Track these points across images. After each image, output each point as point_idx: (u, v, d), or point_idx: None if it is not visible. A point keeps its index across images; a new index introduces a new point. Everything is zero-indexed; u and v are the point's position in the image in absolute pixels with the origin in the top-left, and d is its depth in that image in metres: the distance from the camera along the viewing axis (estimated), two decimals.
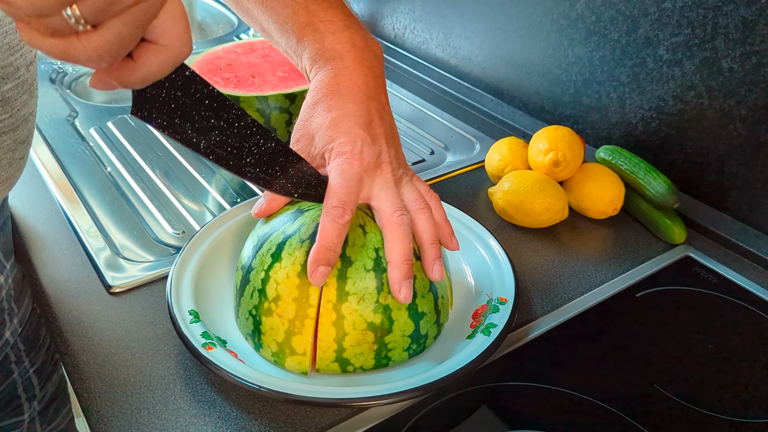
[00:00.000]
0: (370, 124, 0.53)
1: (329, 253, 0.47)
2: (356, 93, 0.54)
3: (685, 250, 0.71)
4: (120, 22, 0.32)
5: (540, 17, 0.91)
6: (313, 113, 0.54)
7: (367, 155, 0.52)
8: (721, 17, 0.70)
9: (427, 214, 0.53)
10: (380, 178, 0.52)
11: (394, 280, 0.49)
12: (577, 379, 0.55)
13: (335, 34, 0.56)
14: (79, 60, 0.33)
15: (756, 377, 0.56)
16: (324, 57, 0.55)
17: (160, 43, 0.36)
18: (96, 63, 0.34)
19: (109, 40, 0.33)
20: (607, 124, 0.87)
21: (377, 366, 0.52)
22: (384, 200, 0.51)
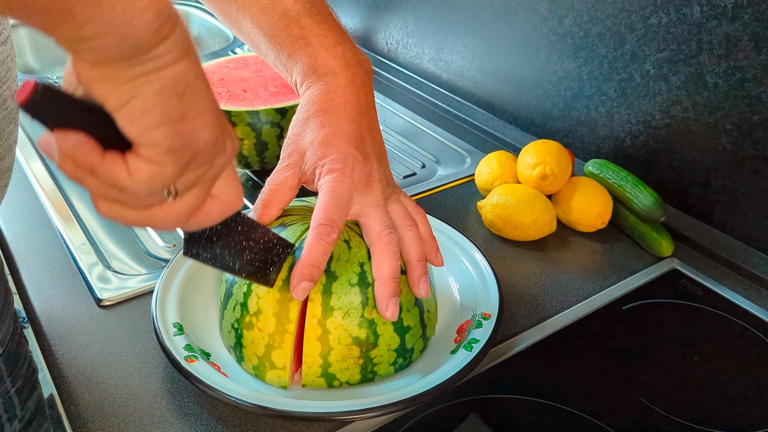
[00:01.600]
0: (361, 142, 0.53)
1: (313, 270, 0.47)
2: (348, 110, 0.54)
3: (671, 263, 0.72)
4: (198, 189, 0.36)
5: (530, 33, 0.92)
6: (305, 128, 0.54)
7: (358, 173, 0.52)
8: (705, 33, 0.71)
9: (414, 231, 0.53)
10: (370, 195, 0.52)
11: (382, 298, 0.49)
12: (563, 392, 0.55)
13: (328, 49, 0.56)
14: (158, 226, 0.37)
15: (742, 390, 0.57)
16: (317, 72, 0.56)
17: (221, 198, 0.39)
18: (173, 227, 0.37)
19: (189, 205, 0.36)
20: (595, 138, 0.88)
21: (363, 380, 0.52)
22: (373, 218, 0.51)
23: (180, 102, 0.31)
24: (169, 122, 0.31)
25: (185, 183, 0.35)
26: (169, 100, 0.31)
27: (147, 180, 0.33)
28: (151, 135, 0.31)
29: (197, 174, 0.35)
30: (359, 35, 1.29)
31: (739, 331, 0.63)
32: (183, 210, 0.36)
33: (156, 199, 0.34)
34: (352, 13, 1.29)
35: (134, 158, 0.32)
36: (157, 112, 0.31)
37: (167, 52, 0.30)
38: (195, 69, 0.32)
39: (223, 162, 0.36)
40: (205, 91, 0.33)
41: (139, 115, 0.31)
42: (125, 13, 0.28)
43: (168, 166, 0.33)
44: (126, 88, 0.30)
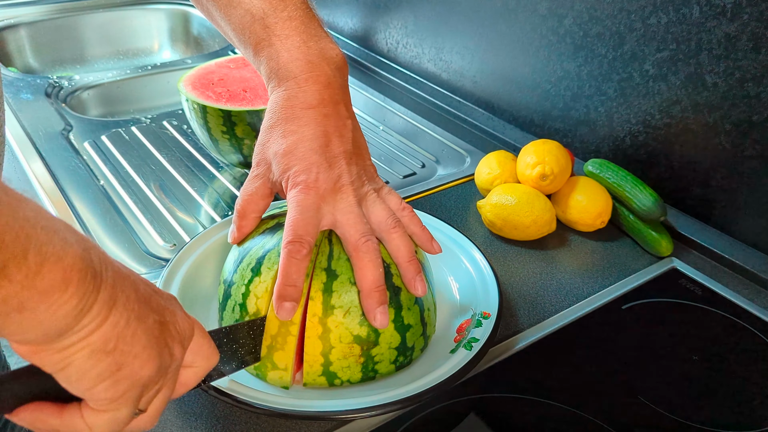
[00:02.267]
0: (327, 146, 0.52)
1: (291, 290, 0.47)
2: (311, 114, 0.52)
3: (671, 262, 0.72)
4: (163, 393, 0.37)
5: (529, 32, 0.92)
6: (270, 138, 0.53)
7: (324, 181, 0.50)
8: (705, 33, 0.71)
9: (398, 231, 0.52)
10: (342, 202, 0.51)
11: (368, 309, 0.48)
12: (563, 391, 0.56)
13: (290, 51, 0.54)
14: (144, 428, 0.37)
15: (740, 389, 0.57)
16: (278, 76, 0.54)
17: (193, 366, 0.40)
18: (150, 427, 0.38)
19: (158, 408, 0.37)
20: (595, 138, 0.88)
21: (364, 379, 0.52)
22: (347, 227, 0.50)
23: (112, 357, 0.32)
24: (106, 377, 0.32)
25: (147, 401, 0.36)
26: (101, 360, 0.31)
27: (106, 423, 0.34)
28: (93, 392, 0.32)
29: (154, 392, 0.36)
30: (359, 35, 1.29)
31: (738, 331, 0.63)
32: (158, 410, 0.37)
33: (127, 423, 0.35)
34: (352, 12, 1.29)
35: (88, 412, 0.33)
36: (92, 373, 0.31)
37: (92, 321, 0.31)
38: (125, 316, 0.32)
39: (177, 365, 0.37)
40: (139, 329, 0.33)
41: (76, 380, 0.32)
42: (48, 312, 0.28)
43: (121, 408, 0.34)
44: (58, 357, 0.31)
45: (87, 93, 1.14)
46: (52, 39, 1.42)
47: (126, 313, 0.32)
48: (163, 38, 1.53)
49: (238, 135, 0.81)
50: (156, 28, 1.52)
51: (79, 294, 0.29)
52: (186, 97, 0.82)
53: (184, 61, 1.26)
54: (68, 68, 1.44)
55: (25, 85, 1.10)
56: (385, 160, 0.97)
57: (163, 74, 1.21)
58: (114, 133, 0.98)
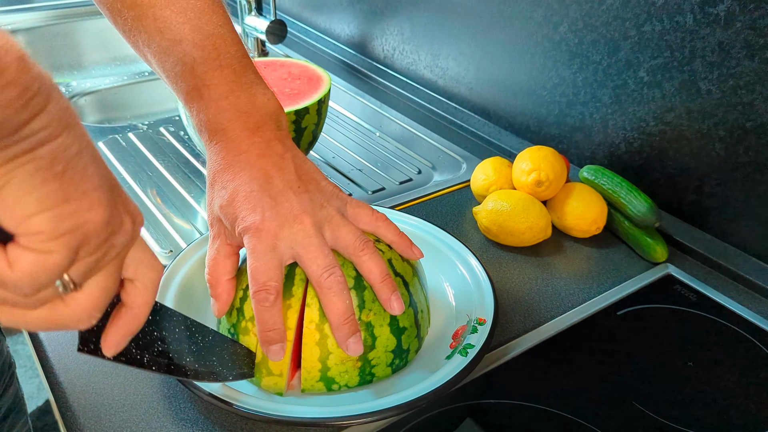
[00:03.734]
0: (268, 183, 0.50)
1: (272, 334, 0.47)
2: (244, 159, 0.51)
3: (666, 268, 0.72)
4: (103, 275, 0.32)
5: (525, 39, 0.93)
6: (213, 194, 0.52)
7: (272, 219, 0.49)
8: (698, 41, 0.72)
9: (367, 253, 0.50)
10: (299, 234, 0.49)
11: (340, 341, 0.48)
12: (558, 397, 0.56)
13: (218, 102, 0.53)
14: (68, 325, 0.32)
15: (736, 395, 0.57)
16: (208, 129, 0.53)
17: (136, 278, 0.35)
18: (86, 323, 0.33)
19: (97, 295, 0.32)
20: (590, 144, 0.88)
21: (362, 383, 0.52)
22: (308, 262, 0.49)
23: (60, 183, 0.28)
24: (49, 207, 0.28)
25: (82, 271, 0.31)
26: (47, 182, 0.27)
27: (30, 271, 0.28)
28: (30, 223, 0.28)
29: (94, 258, 0.31)
30: (355, 41, 1.30)
31: (732, 336, 0.64)
32: (91, 301, 0.32)
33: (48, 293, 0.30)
34: (349, 19, 1.29)
35: (14, 247, 0.28)
36: (33, 197, 0.27)
37: (41, 129, 0.27)
38: (77, 143, 0.29)
39: (125, 241, 0.32)
40: (92, 166, 0.30)
41: (13, 203, 0.27)
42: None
43: (54, 254, 0.29)
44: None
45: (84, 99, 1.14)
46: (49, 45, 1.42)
47: (79, 142, 0.29)
48: None
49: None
50: None
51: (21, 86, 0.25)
52: None
53: None
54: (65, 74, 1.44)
55: None
56: (382, 167, 0.98)
57: (160, 81, 1.21)
58: (111, 139, 0.98)
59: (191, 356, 0.46)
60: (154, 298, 0.37)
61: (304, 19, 1.45)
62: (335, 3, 1.32)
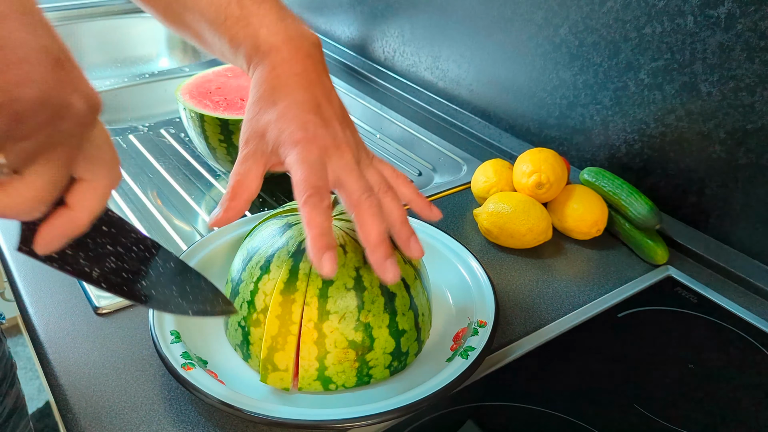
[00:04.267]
0: (318, 108, 0.51)
1: (326, 238, 0.45)
2: (298, 81, 0.52)
3: (666, 270, 0.72)
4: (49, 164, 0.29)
5: (525, 41, 0.93)
6: (258, 110, 0.52)
7: (322, 137, 0.50)
8: (699, 43, 0.72)
9: (390, 194, 0.51)
10: (341, 160, 0.50)
11: (378, 262, 0.47)
12: (559, 400, 0.56)
13: (269, 27, 0.54)
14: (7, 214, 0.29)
15: (737, 397, 0.57)
16: (260, 52, 0.54)
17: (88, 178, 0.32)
18: (27, 215, 0.30)
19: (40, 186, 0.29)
20: (591, 146, 0.88)
21: (359, 384, 0.52)
22: (349, 183, 0.49)
23: None
24: None
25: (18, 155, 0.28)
26: None
27: None
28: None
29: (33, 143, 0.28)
30: (356, 43, 1.30)
31: (733, 339, 0.64)
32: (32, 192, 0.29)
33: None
34: (349, 21, 1.29)
35: None
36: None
37: None
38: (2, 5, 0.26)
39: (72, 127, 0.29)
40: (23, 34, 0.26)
41: None
42: None
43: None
44: None
45: None
46: None
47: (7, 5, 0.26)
48: (161, 46, 1.53)
49: (235, 143, 0.81)
50: (153, 36, 1.53)
51: None
52: (183, 105, 0.82)
53: (182, 69, 1.26)
54: None
55: None
56: None
57: (160, 82, 1.21)
58: None
59: (147, 280, 0.43)
60: (100, 205, 0.33)
61: (305, 21, 1.45)
62: (336, 5, 1.32)
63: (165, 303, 0.44)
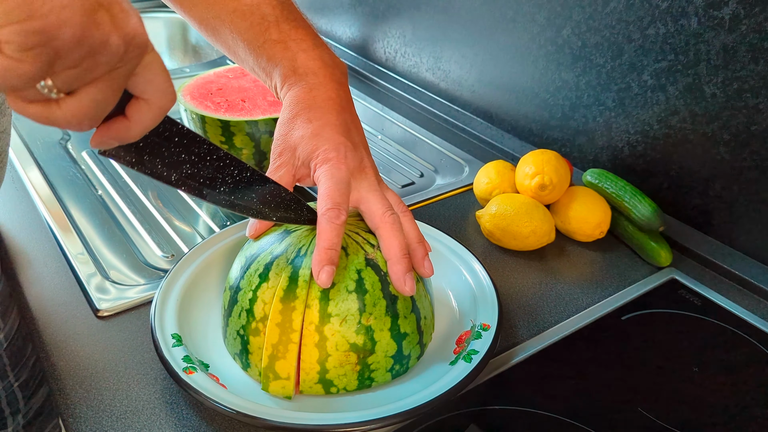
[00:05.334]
0: (348, 133, 0.56)
1: (331, 253, 0.49)
2: (331, 105, 0.56)
3: (670, 272, 0.72)
4: (94, 88, 0.34)
5: (528, 42, 0.93)
6: (293, 126, 0.56)
7: (351, 160, 0.54)
8: (703, 44, 0.71)
9: (408, 215, 0.56)
10: (366, 181, 0.55)
11: (398, 275, 0.50)
12: (563, 403, 0.55)
13: (307, 52, 0.59)
14: (60, 125, 0.34)
15: (741, 401, 0.57)
16: (297, 73, 0.58)
17: (145, 98, 0.37)
18: (77, 127, 0.35)
19: (87, 105, 0.34)
20: (594, 148, 0.88)
21: (360, 387, 0.52)
22: (373, 202, 0.53)
23: None
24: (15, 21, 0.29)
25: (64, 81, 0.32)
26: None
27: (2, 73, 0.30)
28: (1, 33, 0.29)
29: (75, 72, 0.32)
30: (357, 44, 1.29)
31: (737, 342, 0.63)
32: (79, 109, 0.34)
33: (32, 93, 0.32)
34: (350, 21, 1.29)
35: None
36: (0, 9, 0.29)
37: None
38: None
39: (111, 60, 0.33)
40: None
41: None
42: None
43: (25, 63, 0.30)
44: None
45: None
46: None
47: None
48: (162, 47, 1.53)
49: (236, 145, 0.81)
50: (154, 37, 1.52)
51: None
52: (185, 107, 0.82)
53: (183, 70, 1.26)
54: None
55: None
56: (384, 170, 0.97)
57: None
58: None
59: (225, 186, 0.47)
60: (154, 121, 0.38)
61: None
62: (337, 6, 1.32)
63: (246, 208, 0.49)
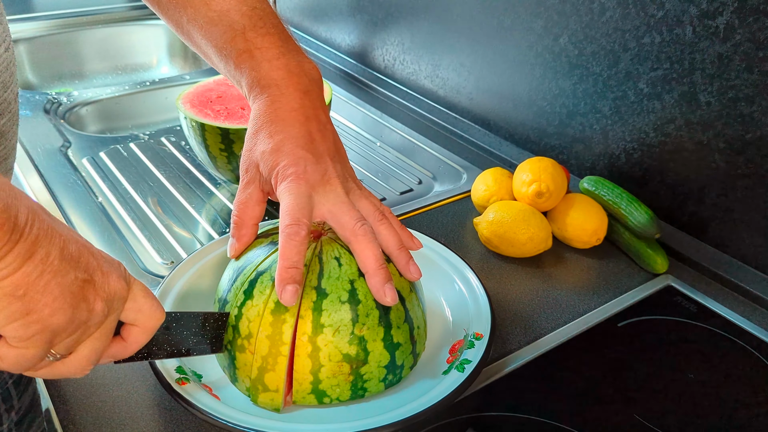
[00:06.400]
0: (311, 144, 0.54)
1: (293, 271, 0.48)
2: (294, 116, 0.55)
3: (666, 279, 0.72)
4: (90, 342, 0.40)
5: (525, 50, 0.93)
6: (256, 141, 0.55)
7: (312, 173, 0.52)
8: (698, 53, 0.72)
9: (386, 223, 0.54)
10: (331, 193, 0.53)
11: (376, 288, 0.49)
12: (559, 410, 0.56)
13: (271, 61, 0.57)
14: (68, 376, 0.40)
15: (737, 408, 0.57)
16: (260, 85, 0.56)
17: (137, 325, 0.43)
18: (82, 373, 0.41)
19: (87, 356, 0.40)
20: (590, 155, 0.89)
21: (353, 397, 0.52)
22: (341, 214, 0.52)
23: (22, 302, 0.35)
24: (16, 319, 0.35)
25: (63, 348, 0.38)
26: (11, 303, 0.34)
27: (15, 361, 0.37)
28: (4, 330, 0.35)
29: (72, 339, 0.38)
30: (356, 51, 1.30)
31: (733, 349, 0.64)
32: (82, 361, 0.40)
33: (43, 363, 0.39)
34: (349, 29, 1.30)
35: (2, 344, 0.37)
36: (2, 314, 0.34)
37: (6, 267, 0.33)
38: (39, 269, 0.35)
39: (98, 322, 0.39)
40: (53, 281, 0.36)
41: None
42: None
43: (30, 349, 0.36)
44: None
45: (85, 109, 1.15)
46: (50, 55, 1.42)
47: (41, 267, 0.35)
48: (162, 54, 1.53)
49: (235, 152, 0.81)
50: (154, 44, 1.53)
51: None
52: (184, 114, 0.82)
53: (182, 77, 1.27)
54: (67, 84, 1.44)
55: (23, 101, 1.10)
56: (382, 177, 0.98)
57: (161, 90, 1.22)
58: (112, 149, 0.98)
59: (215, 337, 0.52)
60: (146, 338, 0.44)
61: (305, 28, 1.46)
62: (336, 13, 1.33)
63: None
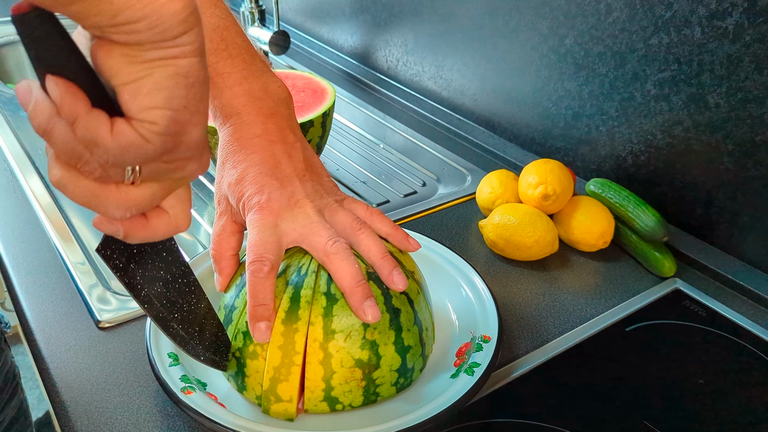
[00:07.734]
0: (276, 168, 0.53)
1: (261, 309, 0.47)
2: (257, 142, 0.54)
3: (674, 283, 0.71)
4: (159, 185, 0.37)
5: (530, 51, 0.92)
6: (222, 173, 0.54)
7: (276, 200, 0.51)
8: (707, 54, 0.71)
9: (365, 231, 0.52)
10: (300, 216, 0.52)
11: (355, 306, 0.48)
12: (566, 416, 0.55)
13: (232, 88, 0.55)
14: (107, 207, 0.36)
15: (746, 412, 0.56)
16: (223, 114, 0.56)
17: (171, 213, 0.40)
18: (121, 213, 0.36)
19: (145, 197, 0.36)
20: (597, 157, 0.88)
21: (366, 403, 0.51)
22: (311, 236, 0.51)
23: (186, 92, 0.32)
24: (172, 107, 0.32)
25: (152, 171, 0.35)
26: (178, 87, 0.32)
27: (126, 145, 0.32)
28: (150, 113, 0.32)
29: (167, 167, 0.35)
30: (359, 52, 1.29)
31: (743, 352, 0.63)
32: (136, 200, 0.36)
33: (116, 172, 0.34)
34: (352, 30, 1.29)
35: (123, 122, 0.32)
36: (163, 94, 0.32)
37: (187, 44, 0.31)
38: (204, 71, 0.33)
39: (193, 170, 0.37)
40: (207, 95, 0.34)
41: (146, 92, 0.32)
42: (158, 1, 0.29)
43: (152, 144, 0.33)
44: (141, 66, 0.31)
45: None
46: None
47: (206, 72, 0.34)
48: None
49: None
50: None
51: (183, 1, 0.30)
52: None
53: None
54: None
55: None
56: (386, 179, 0.97)
57: None
58: None
59: (180, 314, 0.48)
60: (165, 234, 0.40)
61: (308, 29, 1.45)
62: (339, 14, 1.32)
63: (185, 342, 0.48)
